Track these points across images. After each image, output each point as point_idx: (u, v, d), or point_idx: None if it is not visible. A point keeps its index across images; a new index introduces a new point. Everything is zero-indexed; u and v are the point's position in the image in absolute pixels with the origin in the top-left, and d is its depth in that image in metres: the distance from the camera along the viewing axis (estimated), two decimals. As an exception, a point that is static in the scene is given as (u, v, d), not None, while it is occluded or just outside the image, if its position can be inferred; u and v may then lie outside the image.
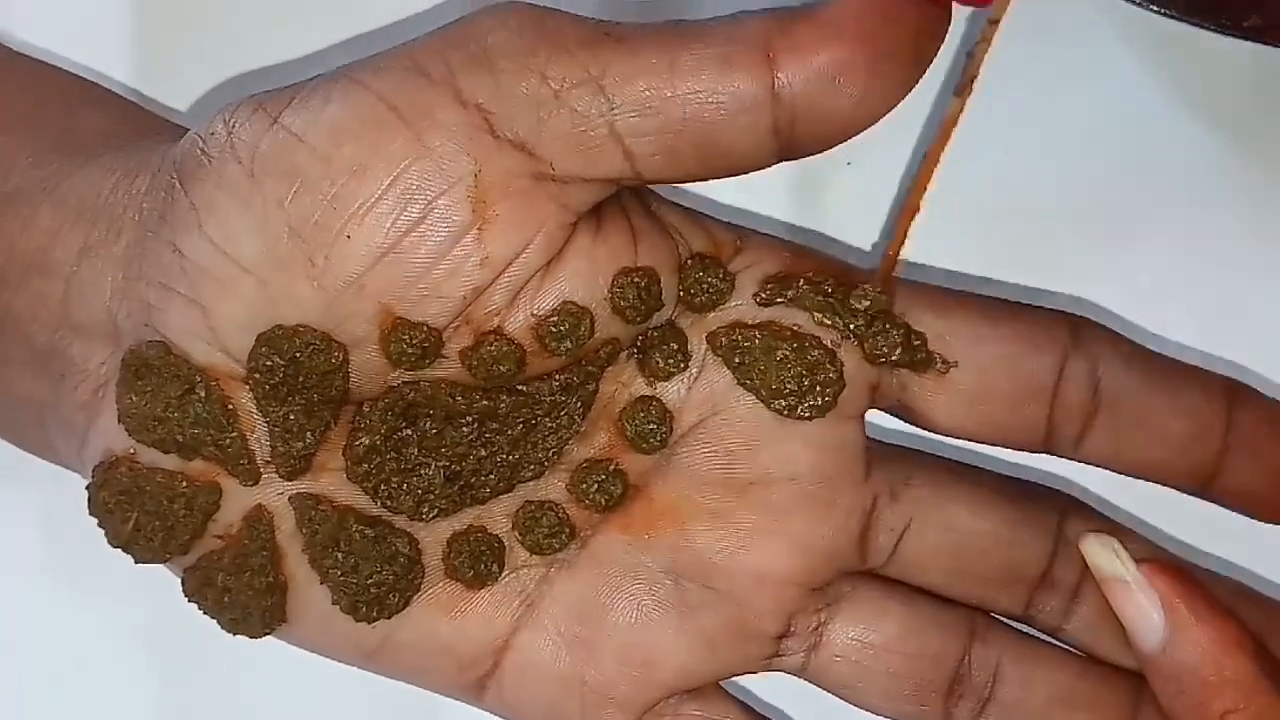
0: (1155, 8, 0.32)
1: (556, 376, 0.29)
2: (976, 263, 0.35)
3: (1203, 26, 0.32)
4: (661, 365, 0.30)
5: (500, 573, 0.30)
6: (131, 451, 0.29)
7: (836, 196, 0.36)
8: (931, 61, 0.27)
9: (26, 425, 0.32)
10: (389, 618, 0.30)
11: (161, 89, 0.36)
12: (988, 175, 0.35)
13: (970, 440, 0.31)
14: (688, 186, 0.35)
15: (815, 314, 0.30)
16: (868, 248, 0.36)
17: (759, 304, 0.30)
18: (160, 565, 0.30)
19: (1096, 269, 0.35)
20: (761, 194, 0.36)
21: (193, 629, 0.31)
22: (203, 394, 0.28)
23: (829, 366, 0.30)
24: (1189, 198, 0.36)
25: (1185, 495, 0.31)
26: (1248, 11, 0.32)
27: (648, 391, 0.30)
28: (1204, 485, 0.30)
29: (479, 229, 0.27)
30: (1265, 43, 0.32)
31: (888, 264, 0.30)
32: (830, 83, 0.26)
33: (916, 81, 0.27)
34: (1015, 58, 0.35)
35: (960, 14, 0.27)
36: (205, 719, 0.37)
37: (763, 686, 0.35)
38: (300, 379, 0.28)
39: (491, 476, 0.30)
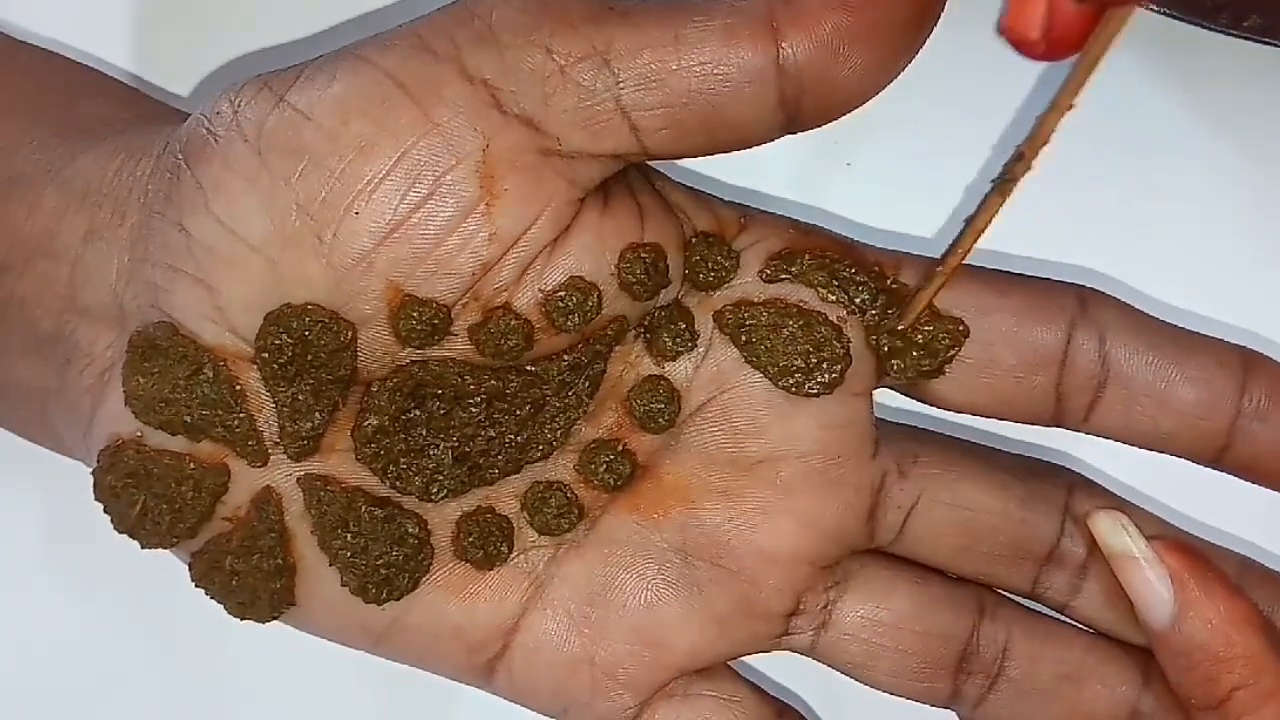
0: (1155, 7, 0.32)
1: (564, 356, 0.29)
2: (984, 237, 0.35)
3: (1203, 26, 0.32)
4: (669, 344, 0.30)
5: (509, 553, 0.30)
6: (138, 435, 0.29)
7: (835, 197, 0.36)
8: (931, 30, 0.27)
9: (29, 413, 0.32)
10: (398, 599, 0.30)
11: (163, 75, 0.36)
12: (995, 161, 0.35)
13: (979, 414, 0.31)
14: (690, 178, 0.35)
15: (820, 290, 0.30)
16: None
17: (764, 281, 0.30)
18: (166, 551, 0.30)
19: (1103, 245, 0.35)
20: (760, 196, 0.36)
21: (199, 619, 0.31)
22: (210, 374, 0.28)
23: (835, 343, 0.30)
24: (1192, 185, 0.36)
25: (1189, 476, 0.31)
26: (1248, 11, 0.32)
27: (655, 371, 0.30)
28: (1217, 456, 0.30)
29: (487, 204, 0.27)
30: (1265, 42, 0.32)
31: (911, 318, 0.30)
32: (834, 52, 0.26)
33: (917, 50, 0.27)
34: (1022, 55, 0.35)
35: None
36: (212, 712, 0.37)
37: (772, 667, 0.34)
38: (309, 358, 0.28)
39: (500, 457, 0.30)
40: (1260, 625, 0.29)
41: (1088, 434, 0.31)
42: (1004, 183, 0.27)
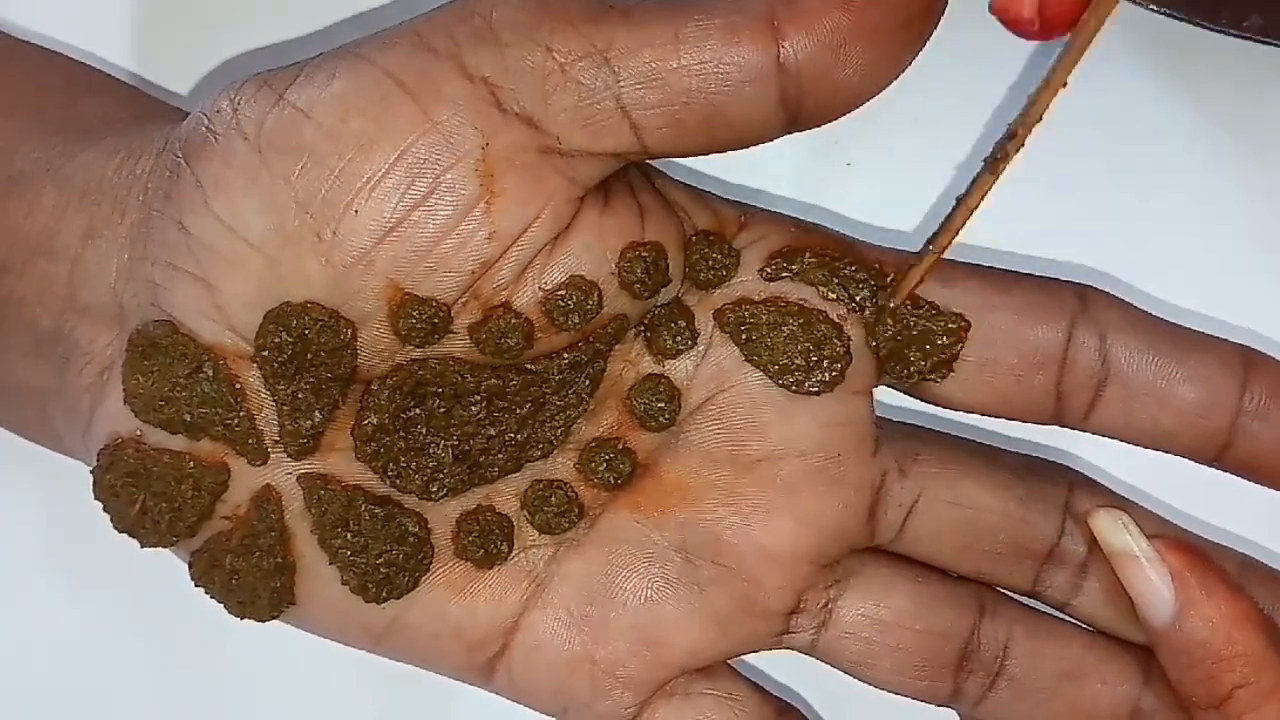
0: (1155, 7, 0.32)
1: (564, 355, 0.29)
2: (985, 236, 0.35)
3: (1203, 26, 0.32)
4: (669, 343, 0.30)
5: (510, 552, 0.30)
6: (138, 433, 0.29)
7: (835, 196, 0.36)
8: (934, 28, 0.27)
9: (29, 413, 0.32)
10: (398, 598, 0.30)
11: (163, 74, 0.36)
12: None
13: (980, 413, 0.31)
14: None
15: (821, 288, 0.30)
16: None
17: (765, 279, 0.30)
18: (166, 551, 0.30)
19: (1103, 245, 0.35)
20: (760, 194, 0.36)
21: (199, 618, 0.31)
22: (210, 373, 0.28)
23: (836, 341, 0.30)
24: (1193, 185, 0.36)
25: (1189, 475, 0.31)
26: (1247, 11, 0.32)
27: (656, 369, 0.30)
28: (1217, 455, 0.30)
29: (486, 203, 0.27)
30: (1265, 42, 0.32)
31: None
32: (835, 51, 0.26)
33: (920, 49, 0.27)
34: (1023, 56, 0.35)
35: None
36: (212, 712, 0.37)
37: (772, 666, 0.34)
38: (309, 356, 0.28)
39: (500, 456, 0.30)
40: (1261, 624, 0.29)
41: (1088, 433, 0.31)
42: (996, 160, 0.27)
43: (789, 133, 0.28)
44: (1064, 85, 0.25)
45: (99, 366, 0.29)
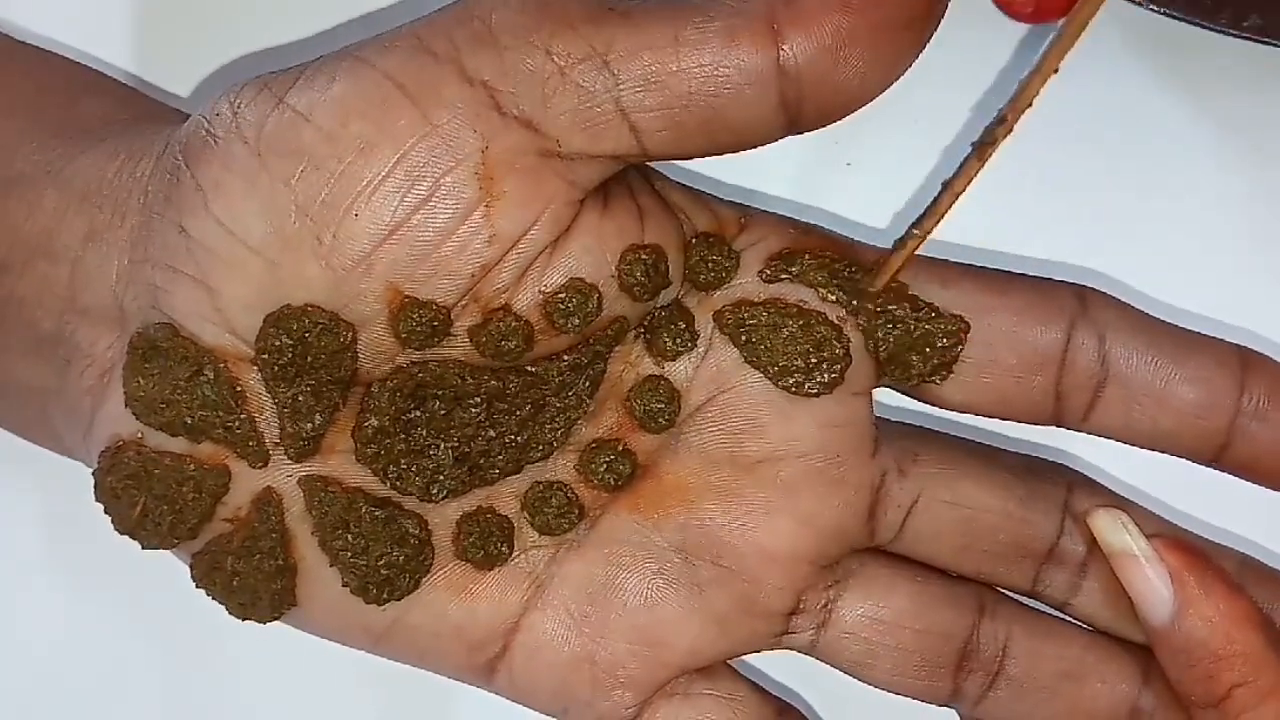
0: (1155, 7, 0.32)
1: (564, 356, 0.29)
2: (984, 236, 0.35)
3: (1203, 26, 0.32)
4: (669, 345, 0.30)
5: (510, 553, 0.30)
6: (139, 435, 0.29)
7: (835, 197, 0.36)
8: (935, 29, 0.27)
9: (30, 414, 0.32)
10: (399, 599, 0.30)
11: (163, 75, 0.36)
12: (997, 160, 0.35)
13: (979, 414, 0.31)
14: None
15: (820, 289, 0.30)
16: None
17: (764, 281, 0.30)
18: (167, 552, 0.30)
19: (1103, 245, 0.35)
20: (760, 196, 0.36)
21: (199, 619, 0.31)
22: (211, 376, 0.28)
23: (835, 342, 0.30)
24: (1192, 185, 0.36)
25: (1189, 475, 0.31)
26: (1247, 11, 0.32)
27: (655, 371, 0.30)
28: (1216, 455, 0.30)
29: (486, 206, 0.27)
30: (1265, 42, 0.32)
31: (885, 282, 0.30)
32: (836, 54, 0.26)
33: (920, 50, 0.27)
34: (1022, 57, 0.35)
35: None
36: (212, 712, 0.37)
37: (772, 666, 0.35)
38: (309, 359, 0.28)
39: (500, 457, 0.30)
40: (1260, 623, 0.29)
41: (1087, 433, 0.31)
42: (983, 145, 0.27)
43: (789, 135, 0.28)
44: (1055, 71, 0.25)
45: (100, 369, 0.29)
